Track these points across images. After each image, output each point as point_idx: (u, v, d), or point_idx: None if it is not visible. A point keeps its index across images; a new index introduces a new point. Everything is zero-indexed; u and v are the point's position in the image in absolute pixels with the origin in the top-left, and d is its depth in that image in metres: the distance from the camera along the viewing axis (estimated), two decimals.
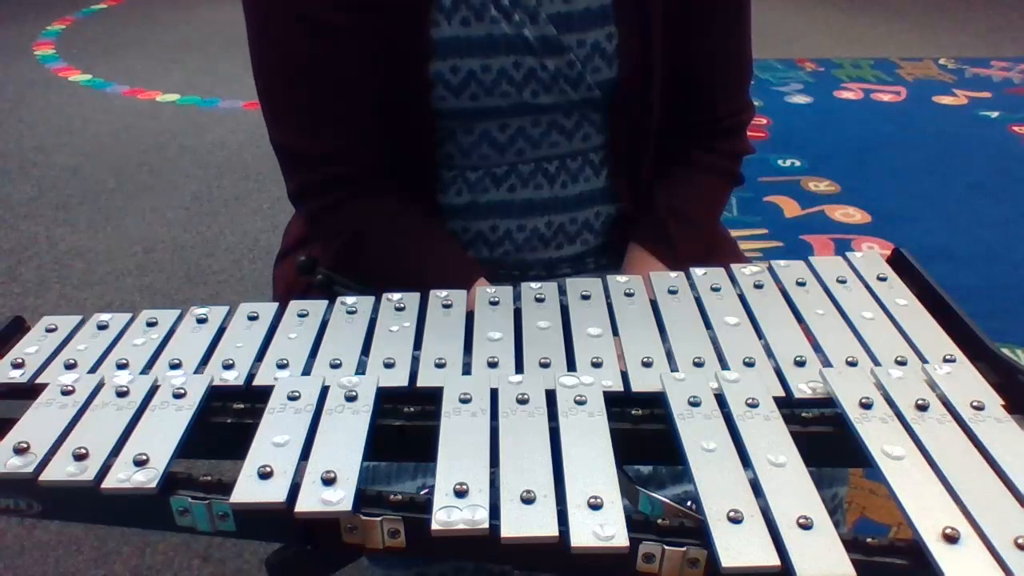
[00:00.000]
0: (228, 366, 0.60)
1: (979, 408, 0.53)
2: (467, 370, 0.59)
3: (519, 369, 0.59)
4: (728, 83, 0.91)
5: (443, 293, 0.68)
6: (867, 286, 0.69)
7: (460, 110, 0.82)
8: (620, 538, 0.43)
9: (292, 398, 0.55)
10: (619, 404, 0.56)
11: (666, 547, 0.46)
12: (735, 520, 0.45)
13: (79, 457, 0.50)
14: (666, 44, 0.84)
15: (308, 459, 0.49)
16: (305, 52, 0.80)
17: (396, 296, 0.68)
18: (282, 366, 0.60)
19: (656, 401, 0.56)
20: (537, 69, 0.81)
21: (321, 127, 0.83)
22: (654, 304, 0.67)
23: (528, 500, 0.45)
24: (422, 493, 0.49)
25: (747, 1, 0.87)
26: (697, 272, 0.70)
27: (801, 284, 0.69)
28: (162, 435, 0.52)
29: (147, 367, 0.61)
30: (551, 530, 0.44)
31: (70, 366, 0.60)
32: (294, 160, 0.86)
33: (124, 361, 0.61)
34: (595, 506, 0.45)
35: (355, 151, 0.84)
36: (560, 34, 0.80)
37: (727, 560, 0.43)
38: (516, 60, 0.81)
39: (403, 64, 0.80)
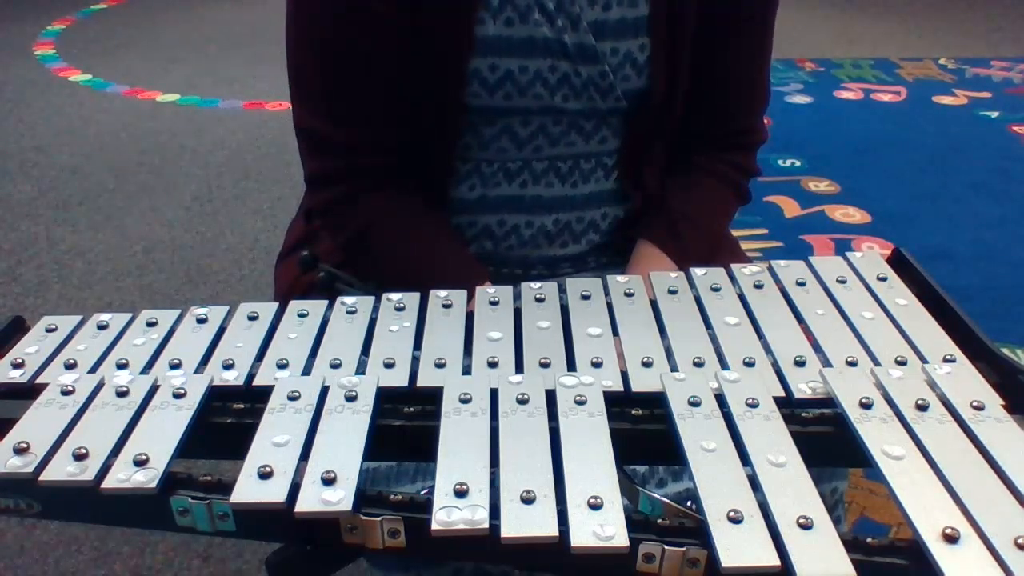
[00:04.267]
0: (228, 366, 0.60)
1: (979, 408, 0.53)
2: (467, 370, 0.59)
3: (519, 369, 0.59)
4: (745, 103, 0.93)
5: (443, 293, 0.68)
6: (867, 286, 0.69)
7: (491, 108, 0.83)
8: (620, 538, 0.43)
9: (292, 398, 0.55)
10: (619, 404, 0.56)
11: (666, 547, 0.46)
12: (735, 520, 0.44)
13: (79, 457, 0.50)
14: (692, 59, 0.85)
15: (308, 459, 0.49)
16: (347, 39, 0.80)
17: (396, 296, 0.68)
18: (282, 366, 0.60)
19: (656, 401, 0.56)
20: (571, 75, 0.82)
21: (350, 115, 0.83)
22: (654, 304, 0.67)
23: (528, 500, 0.45)
24: (422, 493, 0.49)
25: (771, 28, 0.89)
26: (697, 272, 0.70)
27: (801, 284, 0.69)
28: (162, 435, 0.52)
29: (147, 367, 0.61)
30: (551, 530, 0.44)
31: (70, 366, 0.60)
32: (317, 145, 0.86)
33: (124, 361, 0.61)
34: (595, 506, 0.45)
35: (379, 143, 0.84)
36: (596, 42, 0.81)
37: (727, 560, 0.43)
38: (552, 64, 0.81)
39: (443, 59, 0.80)
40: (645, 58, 0.83)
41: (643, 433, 0.55)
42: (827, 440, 0.54)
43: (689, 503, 0.49)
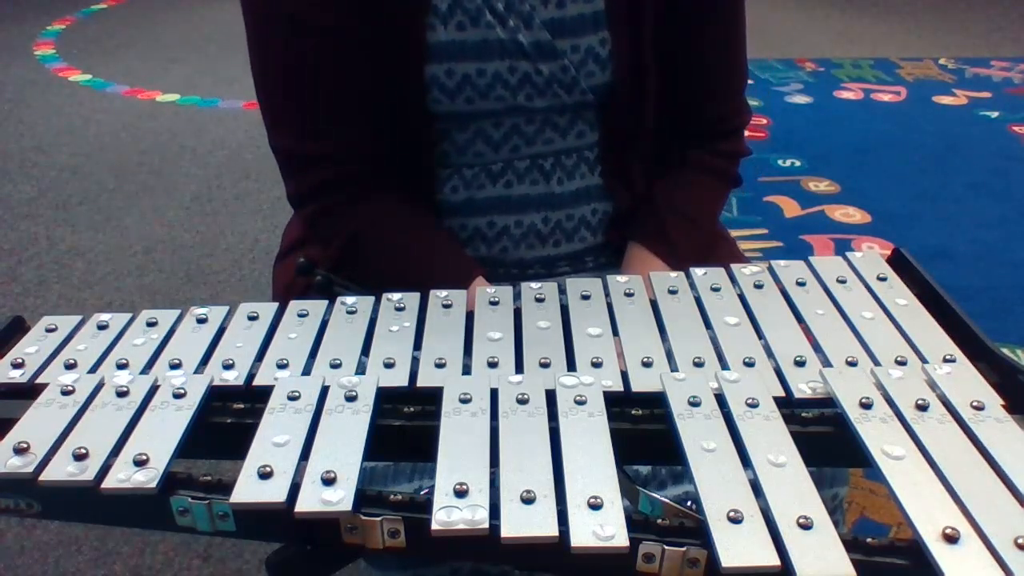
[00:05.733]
0: (228, 366, 0.60)
1: (979, 408, 0.53)
2: (467, 370, 0.59)
3: (519, 369, 0.59)
4: (723, 87, 0.92)
5: (443, 293, 0.68)
6: (867, 286, 0.69)
7: (457, 113, 0.83)
8: (620, 538, 0.43)
9: (292, 398, 0.55)
10: (619, 404, 0.56)
11: (666, 547, 0.46)
12: (735, 520, 0.45)
13: (79, 457, 0.50)
14: (660, 48, 0.85)
15: (308, 459, 0.49)
16: (302, 54, 0.80)
17: (396, 296, 0.68)
18: (282, 366, 0.60)
19: (656, 401, 0.56)
20: (531, 74, 0.82)
21: (318, 130, 0.83)
22: (654, 304, 0.67)
23: (528, 500, 0.45)
24: (422, 494, 0.49)
25: (741, 7, 0.88)
26: (697, 272, 0.70)
27: (801, 284, 0.69)
28: (162, 435, 0.52)
29: (147, 367, 0.61)
30: (551, 530, 0.44)
31: (70, 366, 0.60)
32: (292, 163, 0.86)
33: (124, 361, 0.61)
34: (595, 506, 0.45)
35: (352, 153, 0.84)
36: (554, 39, 0.81)
37: (727, 560, 0.43)
38: (511, 65, 0.81)
39: (399, 67, 0.80)
40: (607, 52, 0.83)
41: (643, 433, 0.55)
42: (827, 440, 0.54)
43: (689, 503, 0.49)
